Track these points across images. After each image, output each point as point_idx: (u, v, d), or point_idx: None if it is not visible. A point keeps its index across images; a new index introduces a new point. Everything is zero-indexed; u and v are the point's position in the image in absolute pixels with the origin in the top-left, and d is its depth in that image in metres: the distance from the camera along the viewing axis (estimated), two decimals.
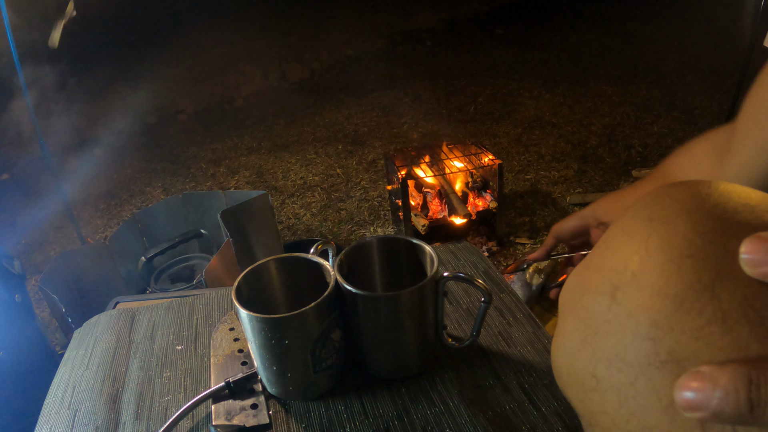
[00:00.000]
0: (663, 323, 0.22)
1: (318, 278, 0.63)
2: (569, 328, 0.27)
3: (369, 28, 5.57)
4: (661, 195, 0.26)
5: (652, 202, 0.26)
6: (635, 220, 0.26)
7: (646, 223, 0.25)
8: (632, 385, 0.23)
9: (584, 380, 0.26)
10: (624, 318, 0.24)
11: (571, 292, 0.29)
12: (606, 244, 0.27)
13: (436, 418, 0.59)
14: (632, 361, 0.23)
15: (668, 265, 0.23)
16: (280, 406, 0.63)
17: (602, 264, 0.26)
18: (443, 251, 0.87)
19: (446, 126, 3.52)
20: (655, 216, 0.25)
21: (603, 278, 0.26)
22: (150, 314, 0.80)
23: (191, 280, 1.73)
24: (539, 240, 2.33)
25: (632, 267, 0.24)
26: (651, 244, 0.24)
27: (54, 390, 0.68)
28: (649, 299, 0.23)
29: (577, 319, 0.27)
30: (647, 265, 0.23)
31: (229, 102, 4.28)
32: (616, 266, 0.25)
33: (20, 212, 2.95)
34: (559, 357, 0.28)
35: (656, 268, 0.23)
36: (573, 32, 5.04)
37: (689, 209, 0.24)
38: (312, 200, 2.84)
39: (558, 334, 0.29)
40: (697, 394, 0.20)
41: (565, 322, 0.28)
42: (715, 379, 0.19)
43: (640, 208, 0.26)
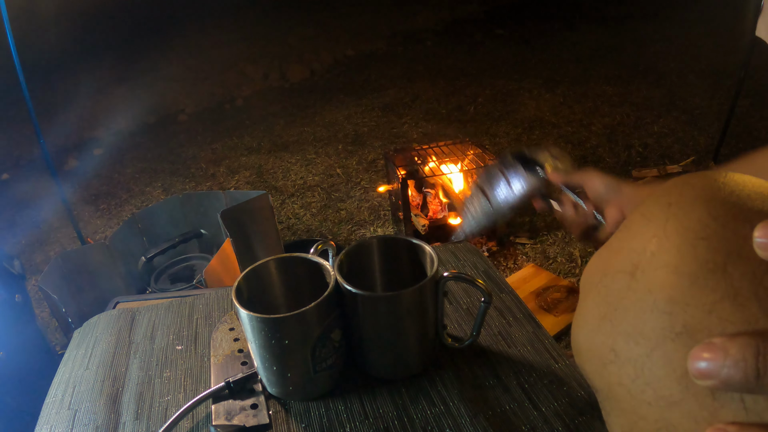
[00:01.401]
0: (679, 299, 0.24)
1: (318, 278, 0.63)
2: (590, 306, 0.29)
3: (369, 28, 5.57)
4: (680, 183, 0.28)
5: (672, 189, 0.28)
6: (655, 206, 0.28)
7: (665, 208, 0.27)
8: (648, 356, 0.25)
9: (603, 354, 0.27)
10: (643, 294, 0.25)
11: (592, 273, 0.30)
12: (627, 227, 0.29)
13: (436, 418, 0.59)
14: (649, 334, 0.25)
15: (684, 245, 0.24)
16: (280, 406, 0.63)
17: (623, 246, 0.28)
18: (443, 251, 0.87)
19: (446, 126, 3.52)
20: (674, 201, 0.27)
21: (623, 258, 0.27)
22: (150, 314, 0.80)
23: (191, 280, 1.73)
24: (539, 240, 2.33)
25: (651, 248, 0.26)
26: (669, 227, 0.26)
27: (54, 390, 0.68)
28: (666, 277, 0.24)
29: (598, 297, 0.28)
30: (665, 246, 0.25)
31: (229, 102, 4.28)
32: (636, 247, 0.27)
33: (20, 212, 2.95)
34: (579, 334, 0.30)
35: (673, 249, 0.25)
36: (573, 32, 5.04)
37: (705, 196, 0.26)
38: (312, 200, 2.84)
39: (579, 314, 0.31)
40: (708, 364, 0.21)
41: (585, 301, 0.30)
42: (725, 350, 0.21)
43: (660, 195, 0.28)
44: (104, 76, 4.54)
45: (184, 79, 4.56)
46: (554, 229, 2.39)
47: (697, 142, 2.97)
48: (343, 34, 5.42)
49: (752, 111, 3.21)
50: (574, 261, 2.19)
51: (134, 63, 4.86)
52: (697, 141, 2.99)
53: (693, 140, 3.01)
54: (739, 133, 2.98)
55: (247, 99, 4.33)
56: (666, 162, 2.75)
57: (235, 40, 5.31)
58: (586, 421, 0.58)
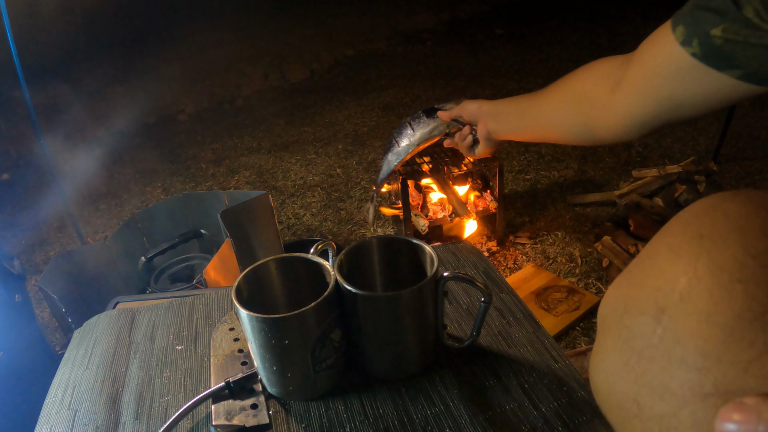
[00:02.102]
0: (711, 353, 0.21)
1: (318, 278, 0.63)
2: (610, 347, 0.26)
3: (369, 28, 5.57)
4: (711, 209, 0.25)
5: (702, 216, 0.25)
6: (683, 237, 0.24)
7: (695, 242, 0.24)
8: (675, 416, 0.22)
9: (625, 405, 0.25)
10: (670, 344, 0.23)
11: (612, 307, 0.27)
12: (651, 259, 0.26)
13: (436, 418, 0.59)
14: (676, 390, 0.22)
15: (718, 290, 0.22)
16: (280, 406, 0.63)
17: (646, 282, 0.25)
18: (443, 251, 0.87)
19: None
20: (705, 234, 0.24)
21: (647, 298, 0.24)
22: (150, 314, 0.80)
23: (191, 280, 1.73)
24: (539, 240, 2.33)
25: (680, 289, 0.23)
26: (700, 266, 0.23)
27: (54, 390, 0.68)
28: (698, 326, 0.22)
29: (619, 339, 0.26)
30: (696, 289, 0.22)
31: (229, 102, 4.28)
32: (662, 286, 0.24)
33: (20, 212, 2.95)
34: (598, 376, 0.27)
35: (705, 293, 0.22)
36: (573, 32, 5.04)
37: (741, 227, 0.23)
38: (312, 200, 2.84)
39: (597, 352, 0.28)
40: (739, 427, 0.19)
41: (605, 339, 0.27)
42: (759, 412, 0.18)
43: (689, 223, 0.25)
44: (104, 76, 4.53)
45: (184, 79, 4.56)
46: (554, 229, 2.39)
47: (697, 142, 2.97)
48: (343, 34, 5.42)
49: (752, 111, 3.21)
50: (574, 261, 2.19)
51: (134, 63, 4.86)
52: (697, 141, 2.99)
53: (693, 140, 3.01)
54: (739, 133, 2.98)
55: (247, 99, 4.33)
56: (666, 162, 2.75)
57: (235, 40, 5.31)
58: (586, 421, 0.58)
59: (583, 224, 2.41)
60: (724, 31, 0.49)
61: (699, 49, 0.52)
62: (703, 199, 0.26)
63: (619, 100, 0.63)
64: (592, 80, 0.69)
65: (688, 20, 0.53)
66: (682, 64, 0.54)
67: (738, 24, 0.48)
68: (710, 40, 0.50)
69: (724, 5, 0.48)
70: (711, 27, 0.50)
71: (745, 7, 0.47)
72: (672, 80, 0.56)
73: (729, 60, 0.50)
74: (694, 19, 0.52)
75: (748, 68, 0.49)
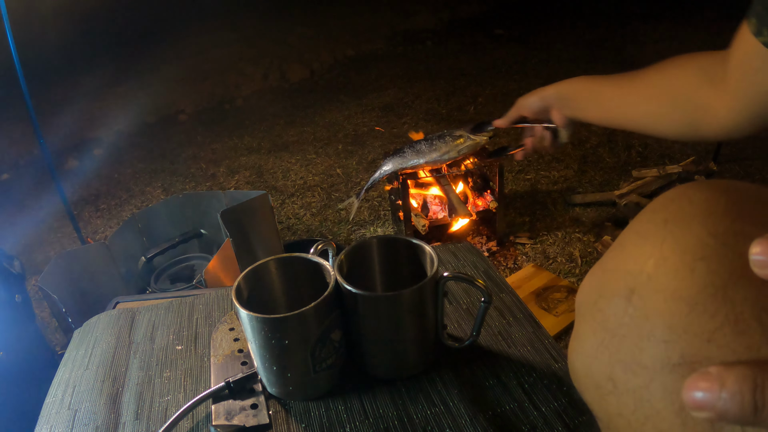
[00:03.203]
0: (677, 326, 0.22)
1: (318, 278, 0.63)
2: (586, 331, 0.28)
3: (369, 28, 5.57)
4: (677, 197, 0.26)
5: (668, 203, 0.26)
6: (650, 224, 0.26)
7: (661, 226, 0.25)
8: (647, 388, 0.23)
9: (601, 383, 0.26)
10: (640, 321, 0.24)
11: (587, 294, 0.29)
12: (621, 246, 0.27)
13: (436, 418, 0.59)
14: (647, 364, 0.23)
15: (682, 267, 0.23)
16: (280, 406, 0.63)
17: (617, 267, 0.26)
18: (443, 251, 0.87)
19: (446, 126, 3.52)
20: (670, 218, 0.25)
21: (618, 281, 0.26)
22: (150, 314, 0.80)
23: (191, 280, 1.73)
24: (539, 240, 2.33)
25: (648, 270, 0.24)
26: (666, 247, 0.24)
27: (54, 390, 0.68)
28: (664, 302, 0.23)
29: (594, 322, 0.27)
30: (662, 268, 0.24)
31: (229, 102, 4.28)
32: (632, 269, 0.25)
33: (20, 212, 2.95)
34: (576, 360, 0.29)
35: (671, 271, 0.23)
36: (573, 32, 5.04)
37: (704, 211, 0.24)
38: (312, 200, 2.84)
39: (575, 338, 0.29)
40: (704, 394, 0.20)
41: (581, 324, 0.28)
42: (722, 380, 0.19)
43: (656, 210, 0.26)
44: (104, 76, 4.53)
45: (184, 79, 4.56)
46: (554, 229, 2.39)
47: (697, 142, 2.97)
48: (343, 34, 5.42)
49: None
50: (574, 261, 2.19)
51: (134, 63, 4.86)
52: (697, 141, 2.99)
53: None
54: None
55: (247, 99, 4.33)
56: (666, 162, 2.75)
57: (235, 40, 5.31)
58: (586, 421, 0.58)
59: (583, 224, 2.41)
60: None
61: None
62: (670, 189, 0.27)
63: (726, 101, 0.63)
64: (690, 78, 0.68)
65: (758, 10, 0.55)
66: (759, 55, 0.55)
67: None
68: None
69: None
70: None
71: None
72: (757, 73, 0.57)
73: None
74: (763, 7, 0.53)
75: None
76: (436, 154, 1.30)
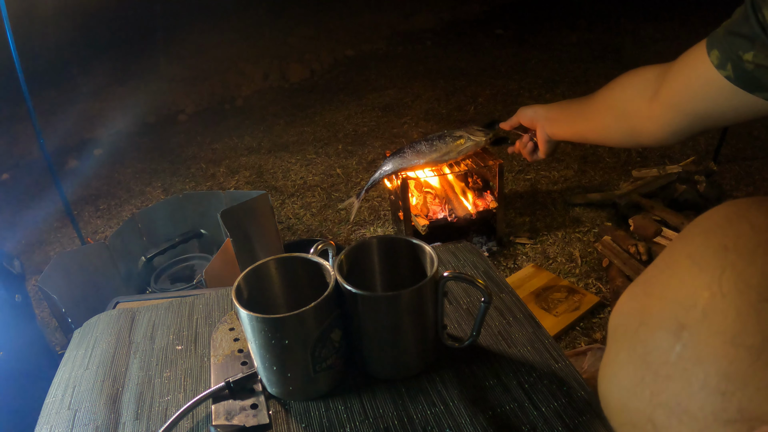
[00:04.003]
0: (736, 377, 0.20)
1: (318, 278, 0.63)
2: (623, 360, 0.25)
3: (369, 28, 5.57)
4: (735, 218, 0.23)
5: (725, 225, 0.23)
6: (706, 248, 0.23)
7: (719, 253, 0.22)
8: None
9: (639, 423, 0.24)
10: (691, 364, 0.21)
11: (626, 318, 0.26)
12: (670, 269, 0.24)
13: (436, 418, 0.59)
14: (697, 413, 0.21)
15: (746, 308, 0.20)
16: (280, 406, 0.63)
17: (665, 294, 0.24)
18: (443, 251, 0.87)
19: (446, 126, 3.52)
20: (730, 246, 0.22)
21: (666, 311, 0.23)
22: (150, 314, 0.80)
23: (191, 280, 1.73)
24: (539, 240, 2.33)
25: (702, 304, 0.22)
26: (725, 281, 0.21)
27: (54, 390, 0.68)
28: (722, 347, 0.20)
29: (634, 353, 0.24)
30: (720, 306, 0.21)
31: (229, 102, 4.28)
32: (683, 300, 0.22)
33: (20, 212, 2.95)
34: (610, 390, 0.26)
35: (731, 311, 0.21)
36: (573, 32, 5.03)
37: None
38: (312, 200, 2.84)
39: (609, 364, 0.27)
40: None
41: (617, 352, 0.26)
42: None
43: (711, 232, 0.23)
44: (104, 76, 4.54)
45: (184, 79, 4.56)
46: (554, 229, 2.39)
47: (697, 142, 2.97)
48: (343, 34, 5.41)
49: None
50: (574, 261, 2.19)
51: (134, 63, 4.86)
52: (697, 141, 2.98)
53: (693, 140, 3.00)
54: (739, 133, 2.98)
55: (247, 99, 4.33)
56: (666, 162, 2.75)
57: (235, 40, 5.30)
58: (586, 421, 0.58)
59: (583, 224, 2.41)
60: (755, 57, 0.52)
61: (732, 72, 0.55)
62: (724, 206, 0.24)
63: (659, 113, 0.68)
64: (632, 90, 0.74)
65: (723, 45, 0.56)
66: (716, 86, 0.58)
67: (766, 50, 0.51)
68: (742, 64, 0.54)
69: (753, 31, 0.52)
70: (743, 52, 0.53)
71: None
72: (707, 99, 0.60)
73: (760, 84, 0.54)
74: (728, 44, 0.55)
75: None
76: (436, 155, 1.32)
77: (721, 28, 0.57)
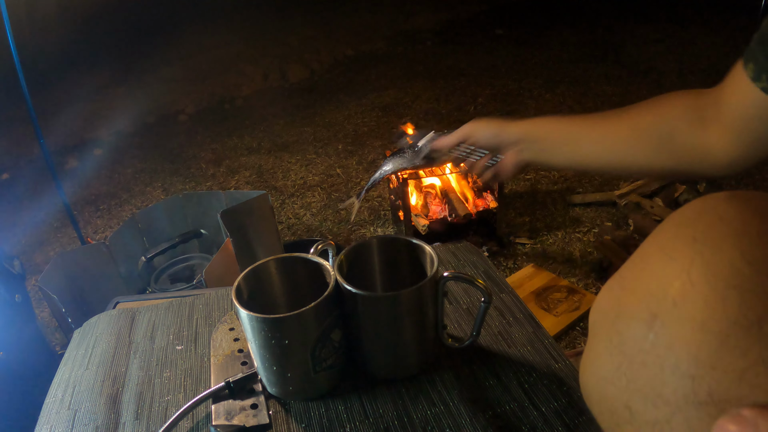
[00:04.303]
0: (705, 361, 0.21)
1: (318, 278, 0.63)
2: (601, 351, 0.26)
3: (369, 28, 5.57)
4: (705, 211, 0.24)
5: (695, 218, 0.24)
6: (677, 240, 0.24)
7: (689, 245, 0.23)
8: (668, 422, 0.22)
9: (617, 410, 0.24)
10: (663, 350, 0.22)
11: (603, 311, 0.27)
12: (643, 262, 0.25)
13: (436, 418, 0.59)
14: (669, 397, 0.21)
15: (713, 296, 0.21)
16: (280, 406, 0.63)
17: (638, 286, 0.25)
18: (443, 251, 0.87)
19: (446, 126, 3.51)
20: (699, 237, 0.23)
21: (639, 303, 0.24)
22: (150, 314, 0.80)
23: (191, 280, 1.73)
24: (539, 240, 2.33)
25: (673, 294, 0.22)
26: (694, 271, 0.22)
27: (54, 390, 0.68)
28: (691, 333, 0.21)
29: (610, 344, 0.25)
30: (690, 295, 0.22)
31: (229, 102, 4.28)
32: (655, 291, 0.23)
33: (20, 212, 2.95)
34: (589, 380, 0.27)
35: (699, 299, 0.21)
36: (573, 32, 5.04)
37: (737, 231, 0.22)
38: (312, 200, 2.84)
39: (588, 356, 0.27)
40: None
41: (596, 343, 0.27)
42: (756, 425, 0.18)
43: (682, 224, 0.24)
44: (104, 76, 4.54)
45: (184, 79, 4.56)
46: (554, 229, 2.39)
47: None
48: (343, 34, 5.42)
49: None
50: (574, 261, 2.19)
51: (134, 63, 4.86)
52: None
53: None
54: None
55: (247, 99, 4.33)
56: None
57: (235, 40, 5.31)
58: (586, 421, 0.58)
59: (583, 224, 2.41)
60: None
61: None
62: (696, 200, 0.25)
63: (723, 143, 0.62)
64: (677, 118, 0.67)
65: (757, 56, 0.54)
66: (756, 101, 0.54)
67: None
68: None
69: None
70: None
71: None
72: (754, 118, 0.56)
73: None
74: (762, 54, 0.53)
75: None
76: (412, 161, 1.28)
77: (753, 41, 0.55)
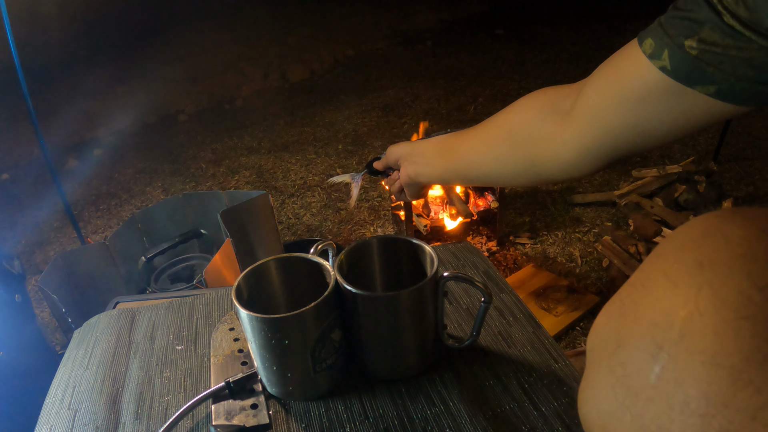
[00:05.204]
0: (716, 398, 0.19)
1: (318, 278, 0.63)
2: (602, 383, 0.24)
3: (369, 28, 5.57)
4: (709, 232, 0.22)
5: (700, 240, 0.22)
6: (681, 265, 0.22)
7: (694, 270, 0.21)
8: None
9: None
10: (670, 386, 0.21)
11: (603, 339, 0.25)
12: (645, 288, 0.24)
13: (436, 418, 0.59)
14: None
15: (723, 327, 0.20)
16: (280, 406, 0.63)
17: (640, 314, 0.23)
18: (443, 251, 0.87)
19: (446, 126, 3.52)
20: (705, 261, 0.21)
21: (642, 332, 0.22)
22: (150, 314, 0.80)
23: (191, 280, 1.73)
24: (539, 240, 2.33)
25: (679, 324, 0.21)
26: (702, 299, 0.21)
27: (54, 390, 0.68)
28: (702, 368, 0.20)
29: (612, 376, 0.24)
30: (698, 326, 0.20)
31: (229, 102, 4.28)
32: (660, 321, 0.22)
33: (20, 212, 2.95)
34: (590, 413, 0.25)
35: (709, 331, 0.20)
36: (573, 32, 5.04)
37: (745, 255, 0.21)
38: (312, 200, 2.84)
39: (589, 386, 0.26)
40: None
41: (596, 373, 0.25)
42: None
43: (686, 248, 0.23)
44: (104, 76, 4.54)
45: (184, 79, 4.56)
46: (554, 229, 2.39)
47: (697, 142, 2.98)
48: (343, 34, 5.42)
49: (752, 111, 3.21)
50: (574, 261, 2.19)
51: (134, 63, 4.86)
52: (697, 141, 2.99)
53: (693, 140, 3.01)
54: (739, 133, 2.98)
55: (247, 99, 4.33)
56: (666, 162, 2.75)
57: (235, 40, 5.31)
58: None
59: (583, 224, 2.41)
60: (701, 42, 0.44)
61: (669, 61, 0.46)
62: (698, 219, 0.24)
63: (569, 133, 0.56)
64: (534, 112, 0.62)
65: (658, 32, 0.47)
66: (648, 82, 0.48)
67: (717, 33, 0.43)
68: (683, 51, 0.45)
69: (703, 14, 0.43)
70: (685, 38, 0.44)
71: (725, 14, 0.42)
72: (637, 103, 0.50)
73: (703, 74, 0.45)
74: (666, 31, 0.46)
75: (723, 83, 0.44)
76: None
77: (657, 20, 0.49)
